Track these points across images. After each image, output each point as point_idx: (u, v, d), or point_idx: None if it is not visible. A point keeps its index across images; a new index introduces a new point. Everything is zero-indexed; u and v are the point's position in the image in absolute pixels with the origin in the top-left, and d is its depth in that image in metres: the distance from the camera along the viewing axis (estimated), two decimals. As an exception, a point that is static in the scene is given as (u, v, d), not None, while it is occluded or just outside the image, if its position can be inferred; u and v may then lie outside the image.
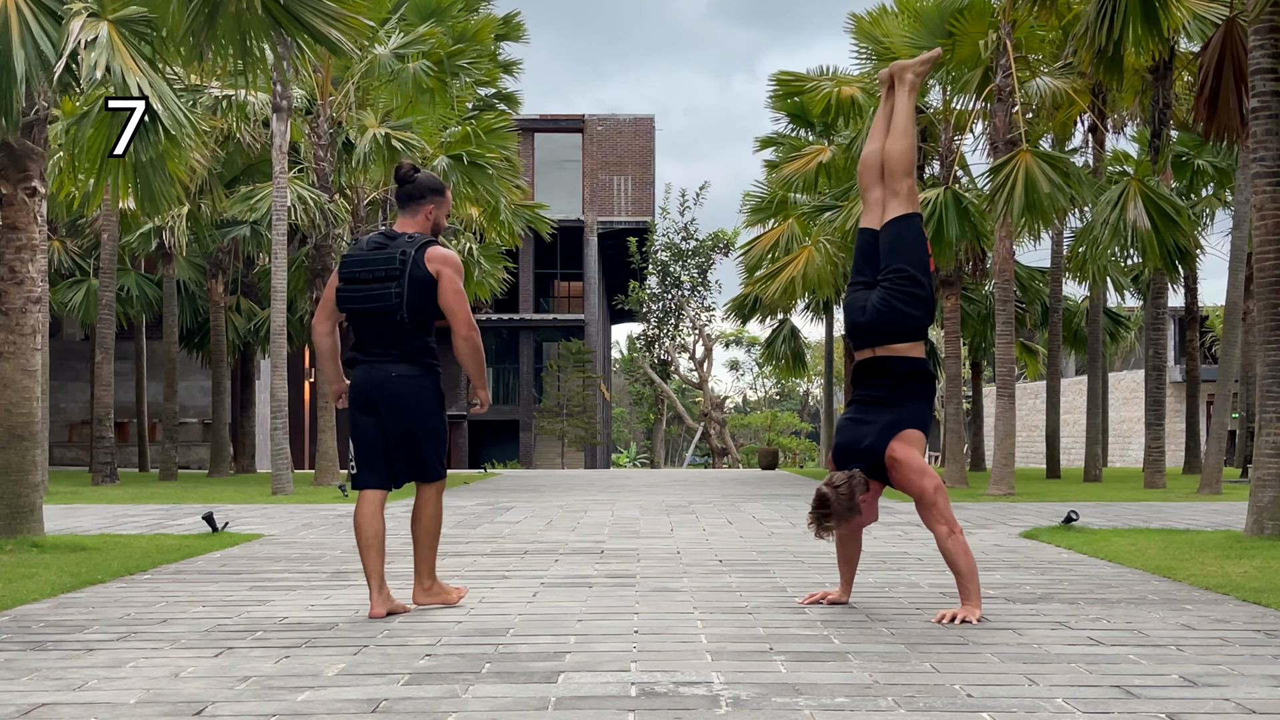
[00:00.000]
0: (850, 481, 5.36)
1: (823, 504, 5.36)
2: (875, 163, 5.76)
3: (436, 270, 5.48)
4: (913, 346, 5.53)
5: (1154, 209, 16.14)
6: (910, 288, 5.49)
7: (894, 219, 5.62)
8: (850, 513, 5.36)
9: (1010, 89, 16.21)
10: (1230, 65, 12.99)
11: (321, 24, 9.19)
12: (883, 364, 5.52)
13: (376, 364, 5.50)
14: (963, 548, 5.30)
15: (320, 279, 18.53)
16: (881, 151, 5.75)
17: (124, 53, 8.51)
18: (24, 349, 8.72)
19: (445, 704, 3.77)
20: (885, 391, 5.49)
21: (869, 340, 5.55)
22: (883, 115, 5.88)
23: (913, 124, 5.80)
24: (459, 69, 18.79)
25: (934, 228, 16.63)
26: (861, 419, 5.50)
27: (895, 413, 5.45)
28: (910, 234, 5.60)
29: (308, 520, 11.18)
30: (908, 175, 5.67)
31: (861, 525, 5.52)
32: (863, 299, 5.58)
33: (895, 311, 5.47)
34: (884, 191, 5.70)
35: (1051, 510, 12.09)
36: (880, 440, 5.40)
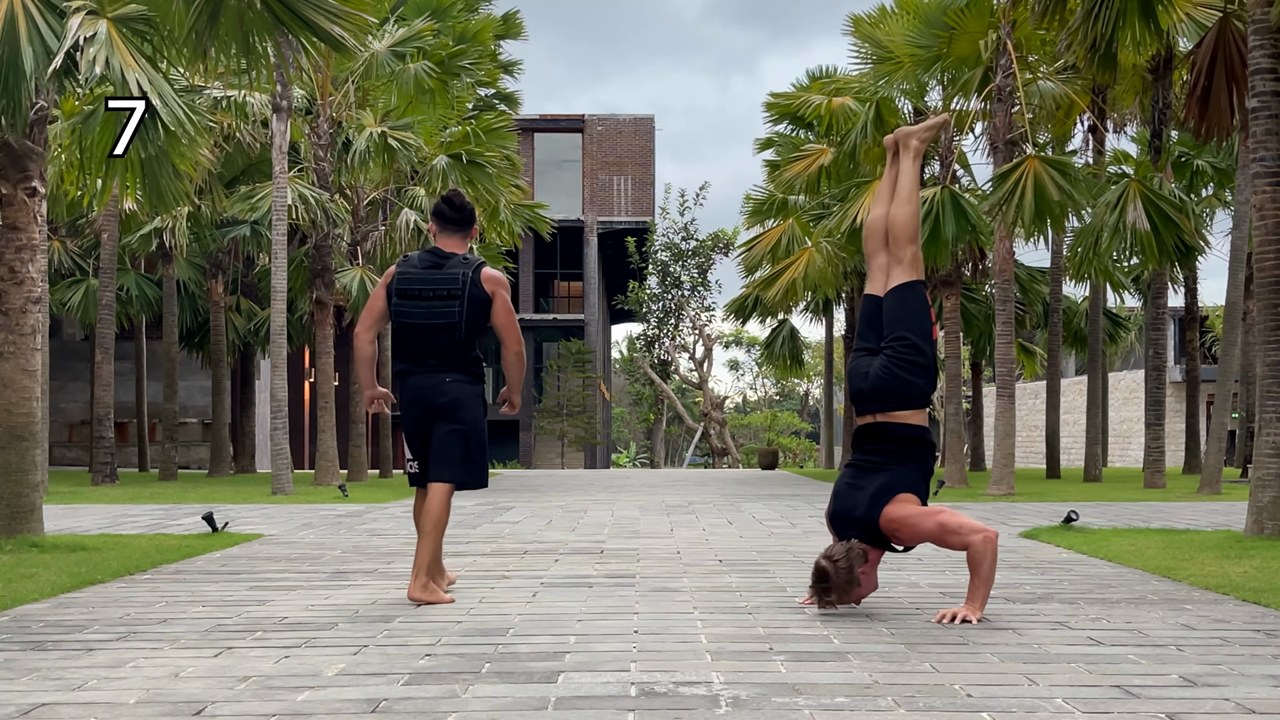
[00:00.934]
0: (849, 554, 5.38)
1: (822, 578, 5.38)
2: (880, 229, 5.80)
3: (492, 290, 5.92)
4: (914, 414, 5.56)
5: (1154, 210, 16.15)
6: (913, 356, 5.53)
7: (897, 287, 5.66)
8: (850, 586, 5.39)
9: (1010, 89, 16.22)
10: (1223, 64, 13.00)
11: (324, 21, 9.19)
12: (883, 430, 5.56)
13: (431, 374, 5.91)
14: (994, 554, 5.29)
15: (320, 279, 18.53)
16: (886, 218, 5.78)
17: (123, 50, 8.50)
18: (24, 349, 8.72)
19: (445, 704, 3.77)
20: (882, 457, 5.54)
21: (869, 407, 5.59)
22: (888, 180, 5.93)
23: (917, 190, 5.85)
24: (460, 69, 18.80)
25: (930, 226, 16.64)
26: (856, 484, 5.55)
27: (886, 477, 5.48)
28: (914, 301, 5.64)
29: (308, 520, 11.18)
30: (911, 242, 5.71)
31: (861, 596, 5.53)
32: (865, 365, 5.62)
33: (897, 380, 5.51)
34: (889, 258, 5.73)
35: (1051, 510, 12.09)
36: (872, 509, 5.44)
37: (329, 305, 18.67)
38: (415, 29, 17.66)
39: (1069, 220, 16.92)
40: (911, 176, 5.84)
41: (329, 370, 18.64)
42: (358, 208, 20.93)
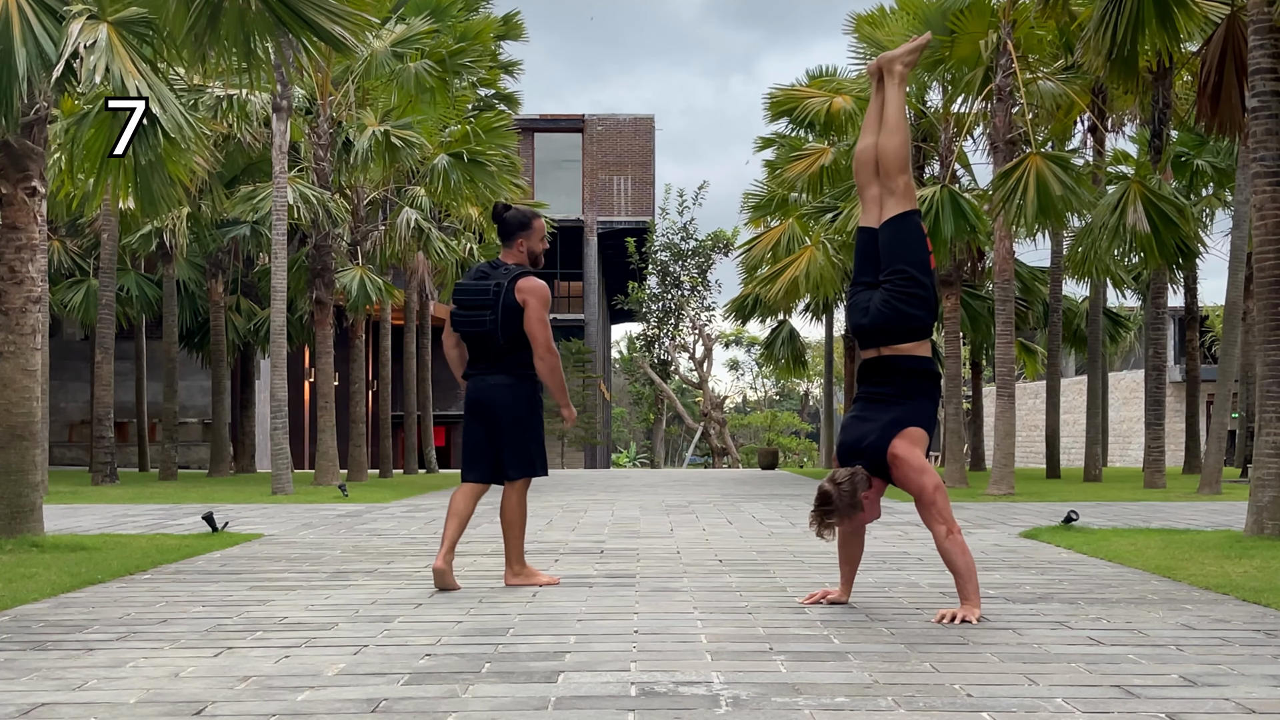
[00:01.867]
0: (853, 478, 5.35)
1: (825, 500, 5.35)
2: (870, 159, 5.71)
3: (523, 300, 6.23)
4: (917, 345, 5.52)
5: (1154, 211, 16.14)
6: (911, 288, 5.48)
7: (892, 218, 5.59)
8: (853, 509, 5.35)
9: (1010, 89, 16.22)
10: (1232, 60, 12.98)
11: (325, 20, 9.18)
12: (888, 363, 5.51)
13: (480, 377, 6.40)
14: (960, 547, 5.29)
15: (320, 279, 18.53)
16: (875, 147, 5.71)
17: (123, 55, 8.50)
18: (24, 349, 8.72)
19: (445, 704, 3.77)
20: (890, 389, 5.49)
21: (873, 341, 5.55)
22: (874, 109, 5.81)
23: (904, 117, 5.74)
24: (460, 68, 18.79)
25: (930, 226, 16.64)
26: (865, 417, 5.50)
27: (898, 410, 5.44)
28: (909, 232, 5.57)
29: (308, 520, 11.18)
30: (903, 171, 5.62)
31: (864, 522, 5.51)
32: (865, 300, 5.56)
33: (897, 312, 5.47)
34: (880, 189, 5.67)
35: (1051, 510, 12.09)
36: (882, 438, 5.40)
37: (329, 305, 18.66)
38: (415, 29, 17.66)
39: (1070, 218, 16.91)
40: (898, 103, 5.73)
41: (329, 370, 18.64)
42: (357, 207, 20.93)
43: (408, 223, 21.40)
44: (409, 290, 25.74)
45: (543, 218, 6.61)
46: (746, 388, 70.04)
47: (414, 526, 10.43)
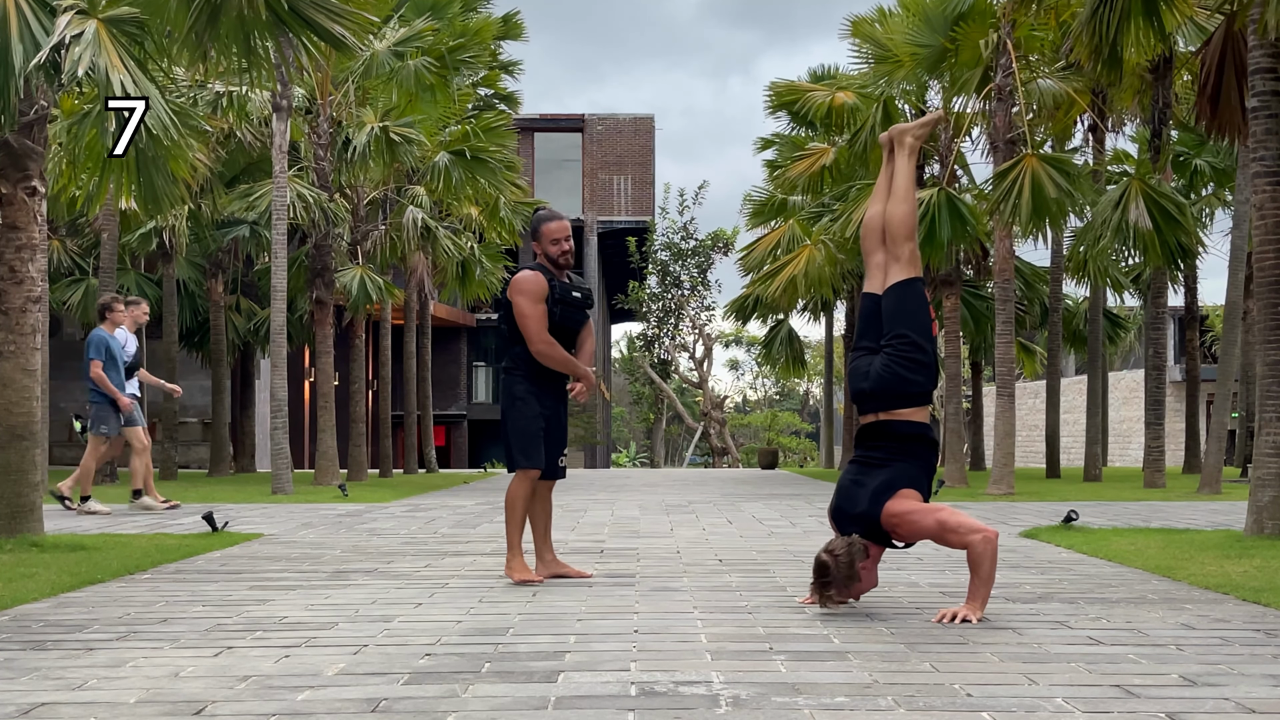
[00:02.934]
0: (850, 549, 5.38)
1: (823, 572, 5.39)
2: (877, 226, 5.80)
3: (511, 296, 6.51)
4: (916, 411, 5.56)
5: (1155, 208, 16.13)
6: (913, 354, 5.53)
7: (896, 284, 5.66)
8: (850, 581, 5.39)
9: (1010, 89, 16.22)
10: (1232, 61, 12.97)
11: (325, 20, 9.18)
12: (885, 428, 5.57)
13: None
14: (994, 553, 5.29)
15: (320, 278, 18.53)
16: (883, 215, 5.78)
17: (111, 51, 8.48)
18: (24, 348, 8.71)
19: (445, 704, 3.77)
20: (884, 453, 5.54)
21: (871, 406, 5.60)
22: (884, 178, 5.93)
23: (913, 187, 5.85)
24: (460, 64, 18.77)
25: (926, 228, 16.63)
26: (859, 481, 5.55)
27: (888, 473, 5.48)
28: (913, 299, 5.64)
29: (308, 520, 11.18)
30: (909, 239, 5.71)
31: (862, 592, 5.54)
32: (865, 364, 5.62)
33: (898, 378, 5.52)
34: (886, 255, 5.73)
35: (1051, 510, 12.09)
36: (873, 506, 5.44)
37: (329, 305, 18.66)
38: (416, 29, 17.65)
39: (1068, 219, 16.90)
40: (907, 174, 5.83)
41: (329, 370, 18.63)
42: (358, 207, 20.92)
43: (414, 222, 21.38)
44: (409, 290, 25.73)
45: (560, 218, 6.67)
46: (746, 387, 70.08)
47: (414, 526, 10.43)
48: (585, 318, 6.75)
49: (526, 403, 6.47)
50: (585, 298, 6.70)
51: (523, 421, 6.47)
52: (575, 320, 6.67)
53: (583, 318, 6.72)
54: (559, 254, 6.56)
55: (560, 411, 6.67)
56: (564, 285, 6.62)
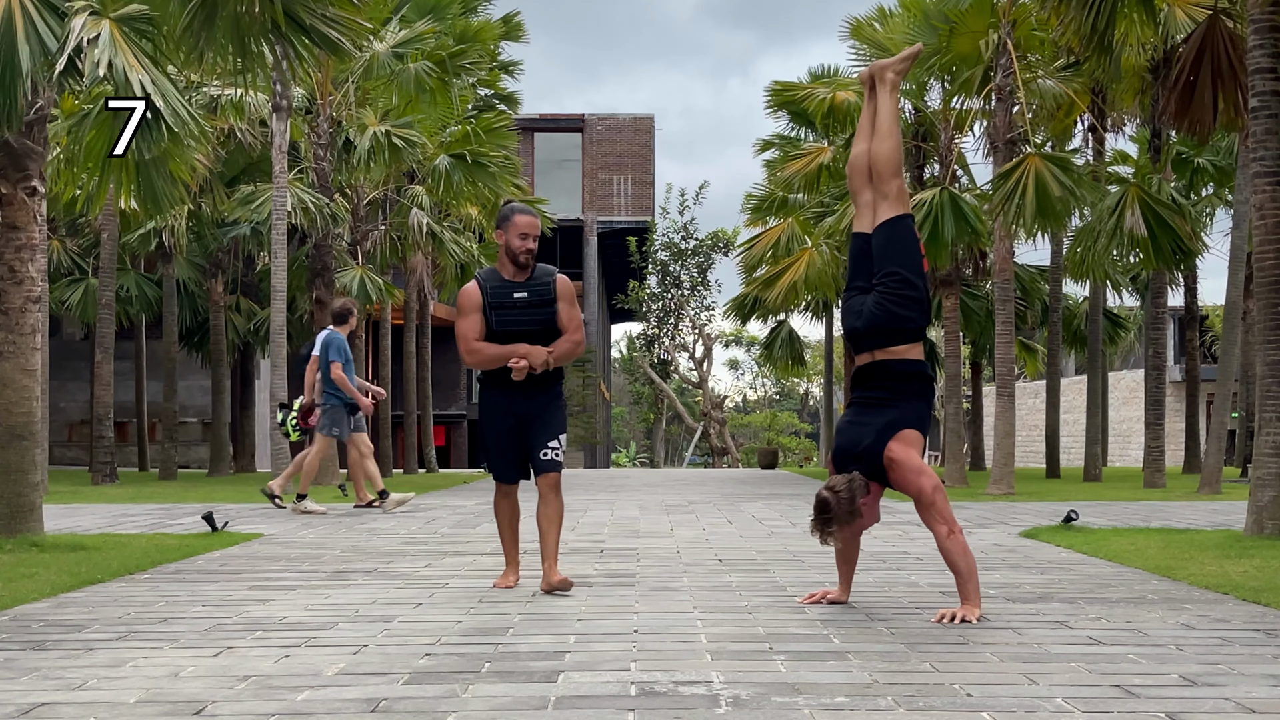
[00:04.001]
0: (850, 485, 5.36)
1: (824, 508, 5.36)
2: (863, 165, 5.76)
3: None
4: (911, 348, 5.53)
5: (1151, 215, 16.15)
6: (905, 290, 5.50)
7: (885, 222, 5.63)
8: (851, 516, 5.36)
9: (1010, 89, 16.22)
10: (1209, 61, 12.99)
11: (320, 25, 9.19)
12: (882, 367, 5.53)
13: None
14: (961, 547, 5.30)
15: (320, 278, 18.53)
16: (868, 153, 5.74)
17: (126, 51, 8.50)
18: (24, 348, 8.72)
19: (445, 703, 3.77)
20: (884, 393, 5.50)
21: (867, 344, 5.56)
22: (867, 116, 5.87)
23: (896, 123, 5.78)
24: (460, 69, 18.78)
25: (930, 228, 16.64)
26: (860, 421, 5.51)
27: (892, 413, 5.45)
28: (902, 236, 5.60)
29: (307, 520, 11.18)
30: (895, 176, 5.67)
31: (863, 528, 5.53)
32: (859, 304, 5.59)
33: (891, 315, 5.48)
34: (874, 193, 5.70)
35: (1051, 510, 12.09)
36: (878, 441, 5.40)
37: (329, 305, 18.66)
38: (417, 31, 17.66)
39: (1070, 218, 16.91)
40: (890, 110, 5.78)
41: (329, 370, 18.62)
42: (358, 207, 20.92)
43: (419, 225, 21.38)
44: (409, 290, 25.74)
45: (532, 215, 6.23)
46: (746, 387, 70.08)
47: (414, 526, 10.43)
48: (545, 315, 6.16)
49: (486, 414, 6.32)
50: (536, 294, 6.14)
51: (485, 434, 6.35)
52: (526, 323, 6.13)
53: (541, 316, 6.15)
54: (521, 250, 6.12)
55: (539, 405, 6.21)
56: (500, 287, 6.15)
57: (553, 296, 6.18)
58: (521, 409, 6.22)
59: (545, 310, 6.16)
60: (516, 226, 6.14)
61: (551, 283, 6.20)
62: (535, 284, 6.18)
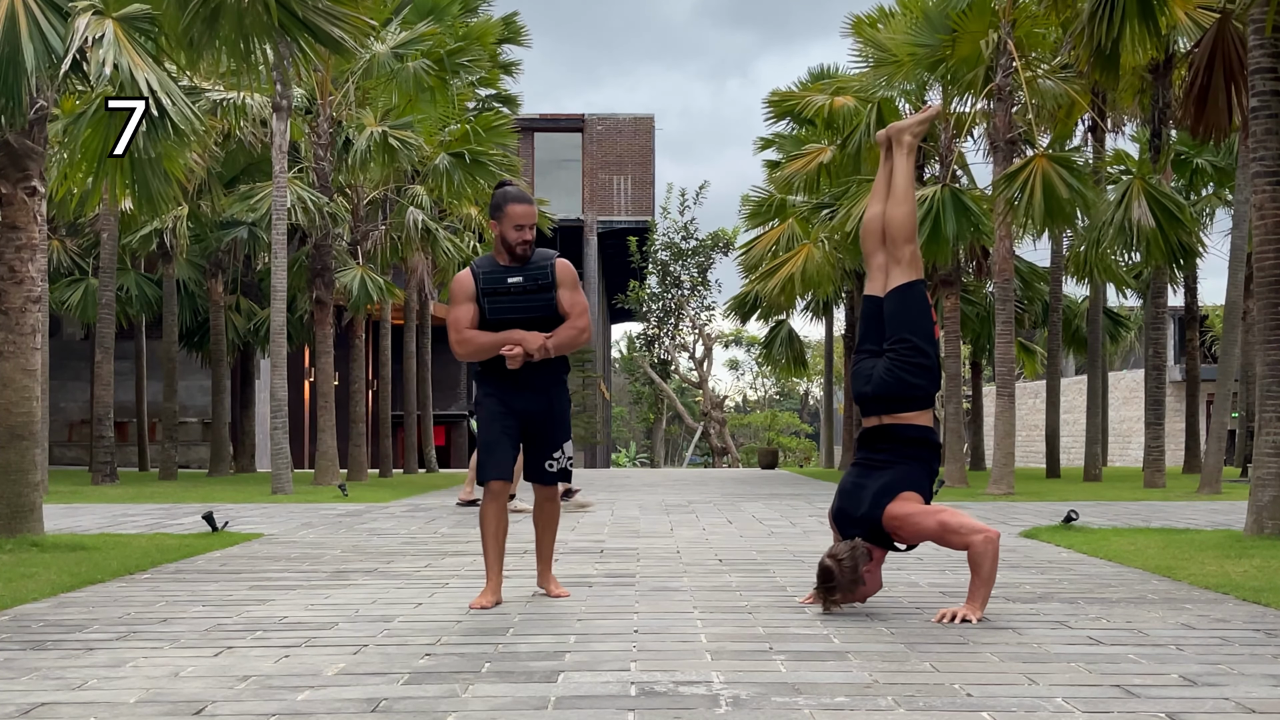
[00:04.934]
0: (853, 553, 5.36)
1: (827, 577, 5.36)
2: (877, 228, 5.76)
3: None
4: (919, 415, 5.54)
5: (1158, 207, 16.16)
6: (916, 358, 5.52)
7: (897, 288, 5.63)
8: (854, 585, 5.37)
9: (1010, 89, 16.22)
10: (1221, 64, 12.98)
11: (324, 22, 9.19)
12: (888, 431, 5.56)
13: None
14: (995, 553, 5.28)
15: (320, 278, 18.54)
16: (883, 216, 5.74)
17: (130, 50, 8.51)
18: (24, 348, 8.72)
19: (445, 703, 3.77)
20: (886, 455, 5.54)
21: (875, 409, 5.58)
22: (882, 178, 5.87)
23: (912, 187, 5.78)
24: (459, 67, 18.79)
25: (931, 225, 16.63)
26: (860, 483, 5.55)
27: (890, 475, 5.47)
28: (914, 302, 5.61)
29: (307, 520, 11.18)
30: (909, 241, 5.67)
31: (866, 595, 5.52)
32: (868, 368, 5.61)
33: (901, 382, 5.51)
34: (887, 258, 5.70)
35: (1051, 510, 12.09)
36: (874, 509, 5.43)
37: (329, 305, 18.66)
38: (417, 32, 17.67)
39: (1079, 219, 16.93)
40: (906, 173, 5.79)
41: (329, 370, 18.64)
42: (358, 207, 20.92)
43: (415, 223, 21.38)
44: (409, 290, 25.74)
45: (528, 202, 5.76)
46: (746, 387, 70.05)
47: (414, 526, 10.43)
48: (543, 303, 5.74)
49: (485, 406, 5.81)
50: (532, 280, 5.73)
51: (481, 428, 5.82)
52: (522, 310, 5.72)
53: (539, 303, 5.74)
54: (517, 243, 5.70)
55: (544, 406, 5.81)
56: (494, 273, 5.75)
57: (551, 281, 5.74)
58: (522, 406, 5.77)
59: (543, 297, 5.72)
60: (511, 218, 5.70)
61: (550, 267, 5.74)
62: (532, 269, 5.74)
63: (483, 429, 5.79)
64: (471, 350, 5.73)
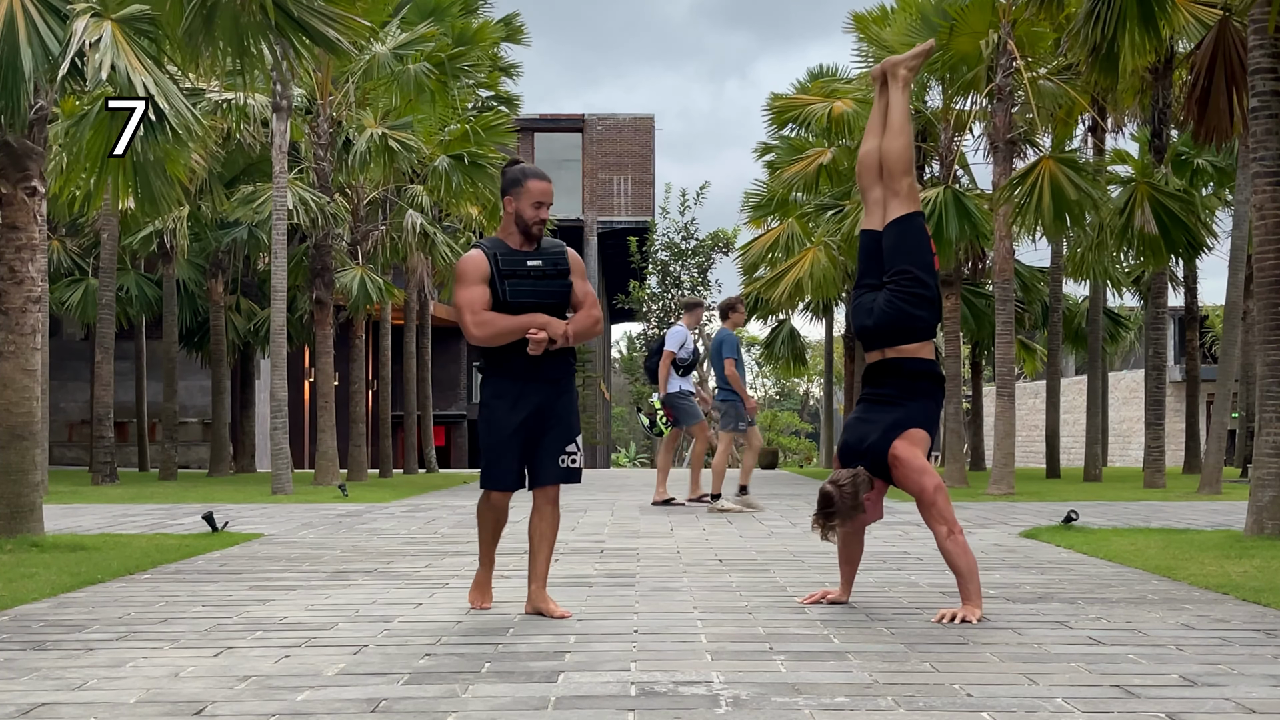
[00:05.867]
0: (854, 480, 5.36)
1: (827, 502, 5.35)
2: (873, 162, 5.73)
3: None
4: (921, 347, 5.53)
5: (1162, 211, 16.16)
6: (916, 289, 5.50)
7: (896, 219, 5.61)
8: (854, 510, 5.36)
9: (1010, 89, 16.22)
10: (1222, 65, 12.98)
11: (319, 24, 9.19)
12: (892, 365, 5.52)
13: None
14: (962, 547, 5.30)
15: (320, 278, 18.54)
16: (879, 150, 5.72)
17: (129, 52, 8.50)
18: (24, 349, 8.72)
19: (445, 704, 3.77)
20: (893, 390, 5.50)
21: (877, 342, 5.55)
22: (878, 112, 5.83)
23: (908, 120, 5.76)
24: (460, 71, 18.79)
25: (934, 227, 16.63)
26: (867, 418, 5.51)
27: (900, 411, 5.45)
28: (913, 234, 5.59)
29: (307, 520, 11.18)
30: (906, 173, 5.65)
31: (865, 524, 5.52)
32: (869, 301, 5.58)
33: (901, 313, 5.48)
34: (884, 191, 5.68)
35: (1051, 510, 12.08)
36: (883, 439, 5.40)
37: (329, 305, 18.66)
38: (418, 33, 17.67)
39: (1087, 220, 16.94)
40: (902, 106, 5.75)
41: (329, 370, 18.63)
42: (357, 207, 20.92)
43: (414, 226, 21.38)
44: (409, 290, 25.73)
45: (547, 179, 5.49)
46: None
47: (414, 526, 10.43)
48: (561, 288, 5.47)
49: (491, 407, 5.45)
50: (551, 264, 5.45)
51: (486, 433, 5.48)
52: (544, 294, 5.42)
53: (556, 289, 5.45)
54: (534, 220, 5.40)
55: (553, 404, 5.48)
56: (512, 254, 5.41)
57: (567, 268, 5.48)
58: (534, 399, 5.41)
59: (560, 283, 5.45)
60: (530, 193, 5.38)
61: (564, 254, 5.51)
62: (549, 254, 5.47)
63: (489, 433, 5.44)
64: (492, 333, 5.32)
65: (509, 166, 5.57)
